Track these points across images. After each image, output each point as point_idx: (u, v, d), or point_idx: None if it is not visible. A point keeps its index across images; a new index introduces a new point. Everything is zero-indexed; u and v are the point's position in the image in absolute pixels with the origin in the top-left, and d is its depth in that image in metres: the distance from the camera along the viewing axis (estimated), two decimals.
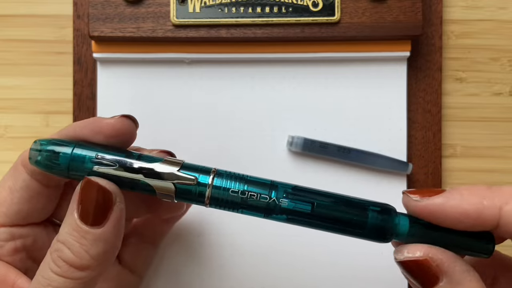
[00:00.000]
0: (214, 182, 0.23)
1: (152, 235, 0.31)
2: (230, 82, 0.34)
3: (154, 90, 0.34)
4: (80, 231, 0.21)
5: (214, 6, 0.32)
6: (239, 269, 0.33)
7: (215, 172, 0.23)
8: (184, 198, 0.23)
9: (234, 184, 0.23)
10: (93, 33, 0.32)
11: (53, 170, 0.23)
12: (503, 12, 0.36)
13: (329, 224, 0.22)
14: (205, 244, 0.34)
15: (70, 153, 0.23)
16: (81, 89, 0.34)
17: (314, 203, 0.22)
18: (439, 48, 0.35)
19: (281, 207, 0.22)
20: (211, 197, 0.23)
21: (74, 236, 0.21)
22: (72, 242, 0.21)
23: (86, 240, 0.21)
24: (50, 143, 0.23)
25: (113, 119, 0.23)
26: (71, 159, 0.23)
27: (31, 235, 0.25)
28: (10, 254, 0.24)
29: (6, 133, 0.36)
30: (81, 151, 0.23)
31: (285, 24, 0.32)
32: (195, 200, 0.23)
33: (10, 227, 0.24)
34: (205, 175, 0.23)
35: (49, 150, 0.23)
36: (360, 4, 0.32)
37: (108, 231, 0.22)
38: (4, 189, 0.24)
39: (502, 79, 0.35)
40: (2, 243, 0.24)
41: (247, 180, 0.23)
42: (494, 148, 0.35)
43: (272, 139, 0.34)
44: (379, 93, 0.34)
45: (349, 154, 0.33)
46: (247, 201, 0.23)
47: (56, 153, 0.23)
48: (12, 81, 0.36)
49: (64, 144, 0.23)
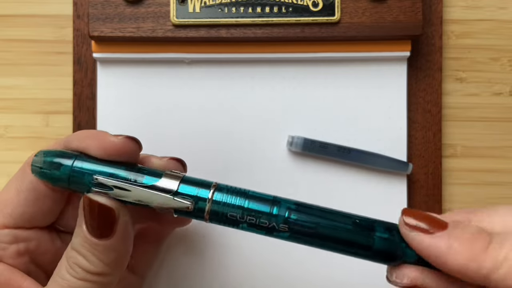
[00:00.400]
0: (214, 197, 0.22)
1: (154, 235, 0.31)
2: (230, 82, 0.34)
3: (154, 90, 0.34)
4: (91, 243, 0.22)
5: (214, 6, 0.32)
6: (243, 270, 0.33)
7: (216, 186, 0.23)
8: (183, 214, 0.23)
9: (235, 199, 0.22)
10: (93, 33, 0.32)
11: (53, 182, 0.23)
12: (503, 12, 0.36)
13: (333, 245, 0.22)
14: (210, 245, 0.34)
15: (71, 166, 0.23)
16: (81, 89, 0.34)
17: (319, 222, 0.21)
18: (439, 48, 0.35)
19: (282, 225, 0.22)
20: (211, 212, 0.22)
21: (85, 247, 0.22)
22: (85, 252, 0.22)
23: (98, 250, 0.22)
24: (52, 154, 0.23)
25: (117, 139, 0.23)
26: (71, 172, 0.23)
27: (34, 239, 0.25)
28: (13, 257, 0.24)
29: (6, 133, 0.36)
30: (82, 164, 0.23)
31: (285, 24, 0.32)
32: (195, 216, 0.23)
33: (14, 229, 0.24)
34: (205, 190, 0.23)
35: (51, 162, 0.23)
36: (360, 4, 0.32)
37: (116, 241, 0.23)
38: (11, 190, 0.24)
39: (502, 79, 0.35)
40: (5, 245, 0.24)
41: (249, 195, 0.22)
42: (494, 148, 0.35)
43: (272, 139, 0.34)
44: (379, 93, 0.34)
45: (349, 154, 0.33)
46: (247, 219, 0.22)
47: (57, 165, 0.23)
48: (12, 81, 0.36)
49: (65, 156, 0.23)
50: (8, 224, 0.24)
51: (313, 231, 0.21)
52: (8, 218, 0.24)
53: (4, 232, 0.24)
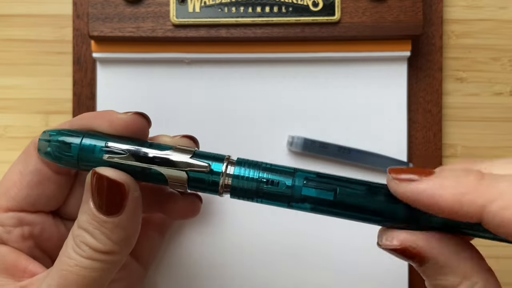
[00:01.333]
0: (228, 170, 0.22)
1: (159, 223, 0.31)
2: (230, 82, 0.34)
3: (154, 90, 0.34)
4: (99, 220, 0.21)
5: (214, 6, 0.32)
6: (241, 268, 0.33)
7: (229, 159, 0.22)
8: (197, 187, 0.22)
9: (249, 171, 0.22)
10: (93, 33, 0.32)
11: (63, 161, 0.22)
12: (503, 12, 0.35)
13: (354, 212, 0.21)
14: (208, 243, 0.34)
15: (79, 143, 0.22)
16: (81, 89, 0.34)
17: (337, 189, 0.21)
18: (439, 48, 0.35)
19: (302, 194, 0.21)
20: (225, 186, 0.22)
21: (93, 225, 0.21)
22: (93, 230, 0.21)
23: (106, 228, 0.21)
24: (59, 133, 0.22)
25: (126, 115, 0.23)
26: (80, 149, 0.22)
27: (39, 223, 0.25)
28: (18, 240, 0.24)
29: (6, 133, 0.36)
30: (90, 140, 0.22)
31: (285, 24, 0.32)
32: (209, 189, 0.22)
33: (18, 212, 0.24)
34: (219, 163, 0.22)
35: (59, 140, 0.22)
36: (361, 4, 0.32)
37: (126, 218, 0.22)
38: (15, 173, 0.24)
39: (502, 79, 0.35)
40: (10, 229, 0.24)
41: (264, 167, 0.22)
42: (494, 148, 0.35)
43: (272, 139, 0.34)
44: (379, 93, 0.34)
45: (349, 154, 0.33)
46: (263, 189, 0.21)
47: (66, 144, 0.22)
48: (12, 81, 0.36)
49: (73, 135, 0.22)
50: (12, 207, 0.24)
51: (332, 200, 0.21)
52: (12, 201, 0.24)
53: (8, 215, 0.24)
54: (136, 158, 0.22)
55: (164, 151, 0.22)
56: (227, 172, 0.22)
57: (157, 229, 0.31)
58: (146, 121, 0.24)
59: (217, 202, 0.34)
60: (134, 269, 0.30)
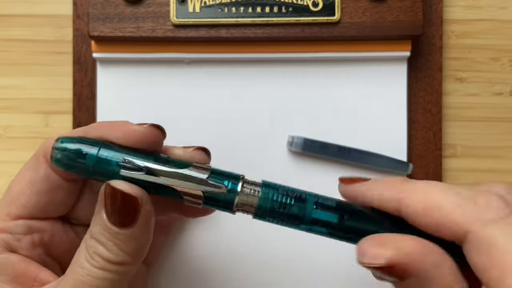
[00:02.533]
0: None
1: (163, 224, 0.31)
2: (230, 82, 0.34)
3: (154, 90, 0.34)
4: (111, 232, 0.22)
5: (214, 6, 0.32)
6: (243, 268, 0.33)
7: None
8: (211, 205, 0.23)
9: (265, 193, 0.22)
10: (93, 33, 0.32)
11: (75, 171, 0.22)
12: (503, 12, 0.36)
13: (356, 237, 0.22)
14: (210, 244, 0.34)
15: (96, 154, 0.22)
16: (81, 89, 0.34)
17: (344, 216, 0.22)
18: (439, 48, 0.35)
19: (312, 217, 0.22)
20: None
21: (106, 236, 0.22)
22: (105, 241, 0.22)
23: (119, 239, 0.22)
24: (74, 141, 0.22)
25: (142, 127, 0.23)
26: (97, 161, 0.22)
27: (48, 230, 0.25)
28: (28, 248, 0.24)
29: (6, 133, 0.36)
30: (108, 153, 0.22)
31: (285, 24, 0.32)
32: (223, 207, 0.23)
33: (28, 220, 0.24)
34: (234, 182, 0.22)
35: (73, 149, 0.22)
36: (360, 4, 0.32)
37: (138, 231, 0.22)
38: (24, 180, 0.24)
39: (502, 79, 0.35)
40: (20, 236, 0.24)
41: (278, 188, 0.23)
42: (494, 148, 0.35)
43: (272, 139, 0.34)
44: (379, 93, 0.34)
45: (349, 154, 0.33)
46: (279, 211, 0.22)
47: (80, 154, 0.22)
48: (12, 81, 0.36)
49: (89, 144, 0.22)
50: (22, 215, 0.24)
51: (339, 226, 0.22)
52: (22, 209, 0.24)
53: (18, 223, 0.24)
54: (153, 175, 0.22)
55: (181, 170, 0.22)
56: (244, 191, 0.22)
57: (161, 229, 0.31)
58: (161, 133, 0.24)
59: None
60: (138, 269, 0.30)
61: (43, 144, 0.24)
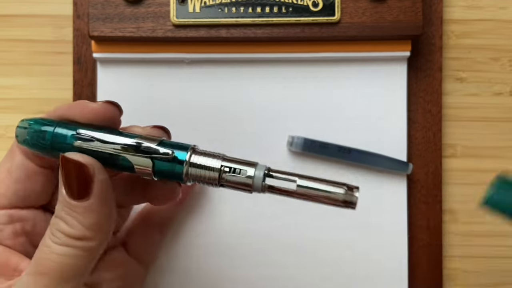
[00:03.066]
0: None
1: (158, 222, 0.31)
2: (230, 82, 0.34)
3: (154, 90, 0.34)
4: (70, 206, 0.22)
5: (214, 6, 0.32)
6: (241, 268, 0.33)
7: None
8: (162, 175, 0.23)
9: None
10: (93, 33, 0.32)
11: (38, 148, 0.23)
12: (503, 12, 0.36)
13: None
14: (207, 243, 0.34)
15: (53, 131, 0.23)
16: (81, 89, 0.34)
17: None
18: (439, 48, 0.35)
19: None
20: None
21: (65, 211, 0.22)
22: (65, 216, 0.22)
23: (77, 213, 0.22)
24: (35, 122, 0.24)
25: (97, 104, 0.24)
26: (53, 136, 0.23)
27: (30, 219, 0.25)
28: (10, 237, 0.24)
29: (6, 133, 0.36)
30: (62, 129, 0.23)
31: (285, 24, 0.32)
32: (174, 177, 0.23)
33: (9, 210, 0.25)
34: (183, 152, 0.23)
35: (35, 129, 0.23)
36: (360, 4, 0.32)
37: (95, 202, 0.22)
38: (2, 171, 0.25)
39: (502, 79, 0.35)
40: (2, 226, 0.24)
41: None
42: (494, 148, 0.35)
43: (272, 139, 0.34)
44: (379, 93, 0.34)
45: (349, 154, 0.33)
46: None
47: (41, 132, 0.23)
48: (12, 81, 0.36)
49: (48, 123, 0.23)
50: (2, 205, 0.24)
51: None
52: (2, 198, 0.24)
53: (0, 213, 0.24)
54: (105, 144, 0.23)
55: (131, 139, 0.23)
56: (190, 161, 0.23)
57: (157, 229, 0.31)
58: (118, 110, 0.24)
59: (217, 203, 0.34)
60: (134, 269, 0.30)
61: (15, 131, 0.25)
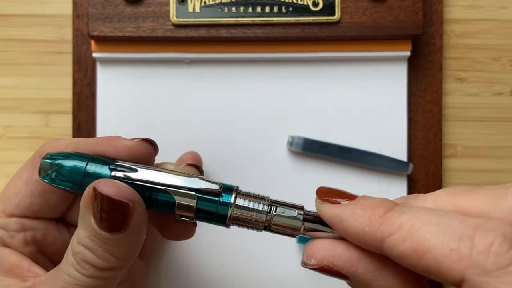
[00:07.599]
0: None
1: None
2: (230, 82, 0.34)
3: (154, 90, 0.34)
4: (101, 237, 0.20)
5: (214, 6, 0.32)
6: (241, 268, 0.33)
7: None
8: (204, 216, 0.21)
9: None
10: (93, 32, 0.32)
11: (64, 188, 0.22)
12: (503, 11, 0.35)
13: None
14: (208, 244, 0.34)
15: (84, 169, 0.21)
16: (81, 89, 0.34)
17: None
18: (439, 48, 0.35)
19: None
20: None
21: (95, 242, 0.20)
22: (95, 248, 0.20)
23: (109, 245, 0.20)
24: (62, 157, 0.22)
25: (131, 142, 0.22)
26: (84, 176, 0.21)
27: (41, 229, 0.25)
28: (20, 245, 0.24)
29: (6, 133, 0.36)
30: (95, 167, 0.21)
31: (285, 24, 0.32)
32: (216, 219, 0.21)
33: (21, 218, 0.24)
34: (227, 194, 0.21)
35: (61, 165, 0.21)
36: (361, 4, 0.32)
37: (130, 235, 0.21)
38: (21, 180, 0.24)
39: (502, 79, 0.35)
40: (13, 233, 0.24)
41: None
42: (494, 148, 0.35)
43: (272, 139, 0.34)
44: (379, 93, 0.34)
45: (349, 154, 0.33)
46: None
47: (68, 169, 0.21)
48: (12, 81, 0.36)
49: (77, 159, 0.21)
50: (15, 213, 0.24)
51: None
52: (15, 207, 0.24)
53: (11, 220, 0.24)
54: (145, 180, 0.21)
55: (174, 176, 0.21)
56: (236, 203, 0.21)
57: None
58: (153, 148, 0.23)
59: None
60: (138, 266, 0.30)
61: (42, 147, 0.24)
